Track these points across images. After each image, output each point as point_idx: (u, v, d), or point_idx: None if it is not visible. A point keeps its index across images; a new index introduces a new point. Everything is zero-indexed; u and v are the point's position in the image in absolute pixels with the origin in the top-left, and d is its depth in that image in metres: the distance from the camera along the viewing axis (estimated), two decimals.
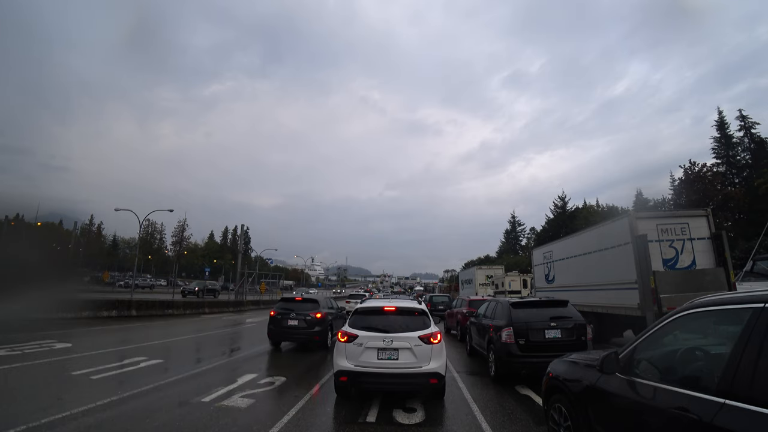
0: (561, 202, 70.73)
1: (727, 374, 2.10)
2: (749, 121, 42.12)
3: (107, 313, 18.61)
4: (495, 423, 5.15)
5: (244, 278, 38.99)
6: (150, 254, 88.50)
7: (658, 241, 9.88)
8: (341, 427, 5.01)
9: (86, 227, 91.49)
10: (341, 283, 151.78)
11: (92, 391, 6.07)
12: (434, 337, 5.81)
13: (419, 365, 5.65)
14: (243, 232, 53.01)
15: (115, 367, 7.94)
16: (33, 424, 4.62)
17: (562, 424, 3.66)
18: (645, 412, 2.65)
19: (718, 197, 38.67)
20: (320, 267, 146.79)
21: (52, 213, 51.94)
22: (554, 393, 3.92)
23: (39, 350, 9.34)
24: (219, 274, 79.97)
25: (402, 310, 6.23)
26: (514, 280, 28.79)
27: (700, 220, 10.16)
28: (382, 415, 5.42)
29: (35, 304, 8.25)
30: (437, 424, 5.18)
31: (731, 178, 42.98)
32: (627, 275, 9.97)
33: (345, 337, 5.90)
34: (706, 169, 42.35)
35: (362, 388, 5.93)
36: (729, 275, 9.42)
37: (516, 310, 7.48)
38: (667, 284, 9.17)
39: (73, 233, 47.52)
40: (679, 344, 2.85)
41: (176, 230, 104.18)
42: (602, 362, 3.05)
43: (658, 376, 2.68)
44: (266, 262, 62.74)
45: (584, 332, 7.13)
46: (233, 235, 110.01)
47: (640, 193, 53.11)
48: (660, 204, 45.79)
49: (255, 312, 28.58)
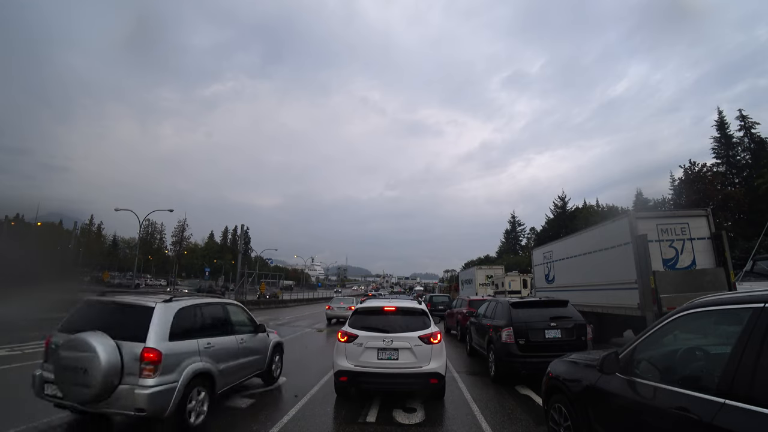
0: (561, 202, 70.80)
1: (727, 374, 2.10)
2: (749, 121, 42.19)
3: None
4: (495, 423, 5.15)
5: (244, 278, 39.01)
6: (150, 254, 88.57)
7: (658, 241, 9.87)
8: (341, 427, 5.01)
9: (86, 227, 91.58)
10: (341, 283, 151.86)
11: None
12: (434, 337, 5.81)
13: (419, 365, 5.65)
14: (243, 232, 53.01)
15: None
16: (33, 424, 4.62)
17: (562, 424, 3.66)
18: (645, 412, 2.65)
19: (718, 197, 38.65)
20: (320, 267, 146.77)
21: (52, 213, 52.07)
22: (554, 393, 3.92)
23: (39, 350, 9.33)
24: (219, 274, 80.00)
25: (402, 310, 6.23)
26: (514, 280, 28.78)
27: (700, 220, 10.15)
28: (382, 415, 5.42)
29: (35, 304, 8.25)
30: (437, 424, 5.18)
31: (731, 178, 43.01)
32: (627, 275, 9.97)
33: (345, 337, 5.90)
34: (706, 169, 42.37)
35: (362, 388, 5.93)
36: (729, 275, 9.41)
37: (516, 310, 7.48)
38: (667, 284, 9.16)
39: (73, 233, 47.52)
40: (679, 344, 2.85)
41: (176, 230, 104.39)
42: (602, 362, 3.05)
43: (658, 376, 2.68)
44: (266, 262, 62.77)
45: (584, 332, 7.13)
46: (233, 235, 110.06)
47: (640, 193, 53.15)
48: (660, 204, 45.77)
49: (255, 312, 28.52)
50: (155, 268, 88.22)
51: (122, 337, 4.28)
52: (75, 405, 4.24)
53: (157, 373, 4.27)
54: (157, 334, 4.43)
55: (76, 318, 4.74)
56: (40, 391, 4.45)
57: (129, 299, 5.01)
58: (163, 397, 4.27)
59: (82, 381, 4.00)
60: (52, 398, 4.39)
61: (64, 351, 4.15)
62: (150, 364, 4.24)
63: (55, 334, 4.61)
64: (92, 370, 3.98)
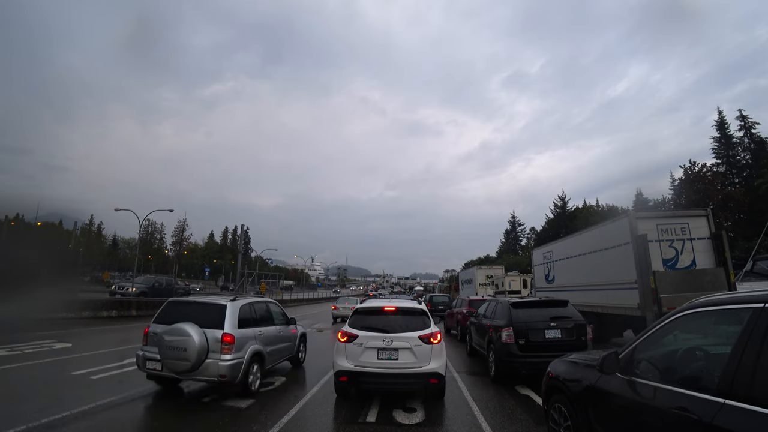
0: (561, 202, 70.82)
1: (727, 374, 2.10)
2: (749, 121, 42.20)
3: (107, 313, 18.61)
4: (495, 423, 5.15)
5: (244, 278, 39.01)
6: (150, 254, 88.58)
7: (658, 241, 9.87)
8: (341, 427, 5.01)
9: (86, 227, 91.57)
10: (341, 283, 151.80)
11: (92, 391, 6.07)
12: (434, 337, 5.81)
13: (419, 365, 5.65)
14: (243, 232, 53.02)
15: (115, 367, 7.93)
16: (33, 424, 4.62)
17: (562, 424, 3.66)
18: (645, 412, 2.65)
19: (718, 197, 38.65)
20: (320, 267, 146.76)
21: (52, 213, 51.90)
22: (554, 393, 3.91)
23: (39, 350, 9.34)
24: (219, 274, 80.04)
25: (402, 310, 6.22)
26: (514, 280, 28.78)
27: (700, 220, 10.15)
28: (382, 415, 5.42)
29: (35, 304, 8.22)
30: (437, 424, 5.18)
31: (731, 178, 43.01)
32: (627, 275, 9.97)
33: (345, 337, 5.90)
34: (706, 169, 42.37)
35: (362, 388, 5.92)
36: (729, 275, 9.41)
37: (516, 310, 7.48)
38: (667, 284, 9.16)
39: (73, 233, 47.50)
40: (679, 344, 2.85)
41: (176, 230, 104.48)
42: (602, 362, 3.05)
43: (658, 376, 2.68)
44: (266, 262, 62.80)
45: (584, 332, 7.13)
46: (233, 235, 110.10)
47: (640, 193, 53.15)
48: (660, 204, 45.76)
49: None
50: (155, 268, 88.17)
51: (205, 326, 5.86)
52: (173, 375, 5.79)
53: (232, 351, 5.88)
54: (230, 323, 6.08)
55: (164, 313, 6.37)
56: (143, 365, 6.05)
57: (207, 299, 6.84)
58: (236, 368, 5.88)
59: (183, 357, 5.56)
60: (151, 371, 5.99)
61: (168, 336, 5.67)
62: (228, 345, 5.87)
63: (151, 325, 6.25)
64: (189, 349, 5.56)
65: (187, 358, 5.55)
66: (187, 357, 5.55)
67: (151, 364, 5.95)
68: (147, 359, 6.00)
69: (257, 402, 5.94)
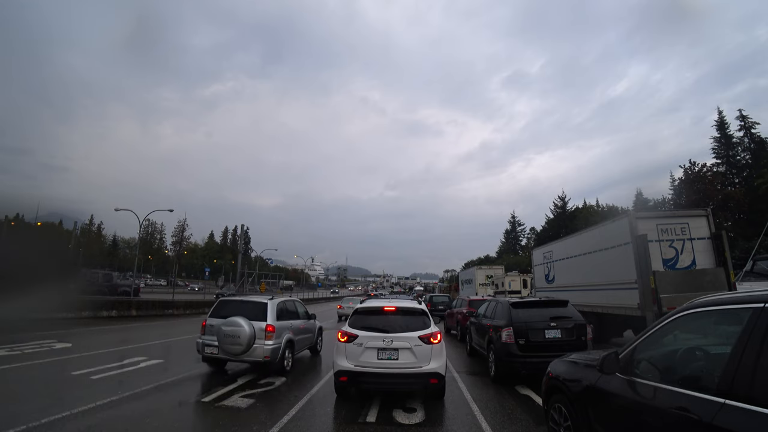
0: (561, 202, 70.85)
1: (727, 374, 2.10)
2: (749, 121, 42.21)
3: (107, 313, 18.63)
4: (495, 423, 5.15)
5: (244, 278, 39.02)
6: (150, 254, 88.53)
7: (658, 241, 9.87)
8: (341, 427, 5.01)
9: (86, 227, 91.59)
10: (341, 283, 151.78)
11: (92, 391, 6.07)
12: (434, 337, 5.81)
13: (419, 365, 5.65)
14: (243, 232, 53.04)
15: (115, 367, 7.94)
16: (33, 424, 4.62)
17: (562, 424, 3.66)
18: (645, 412, 2.65)
19: (718, 197, 38.65)
20: (320, 267, 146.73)
21: (52, 213, 52.00)
22: (554, 393, 3.91)
23: (39, 350, 9.34)
24: (219, 274, 79.97)
25: (402, 310, 6.22)
26: (514, 280, 28.78)
27: (700, 220, 10.15)
28: (382, 415, 5.42)
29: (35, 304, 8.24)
30: (437, 424, 5.17)
31: (731, 178, 43.01)
32: (627, 275, 9.97)
33: (345, 337, 5.90)
34: (706, 169, 42.37)
35: (362, 388, 5.93)
36: (729, 275, 9.41)
37: (516, 310, 7.48)
38: (667, 284, 9.16)
39: (73, 233, 47.46)
40: (679, 344, 2.85)
41: (176, 230, 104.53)
42: (602, 362, 3.05)
43: (658, 376, 2.68)
44: (266, 262, 62.81)
45: (584, 332, 7.12)
46: (233, 235, 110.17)
47: (640, 193, 53.16)
48: (660, 204, 45.77)
49: None
50: (155, 268, 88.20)
51: (252, 318, 7.54)
52: (228, 357, 7.48)
53: (273, 338, 7.58)
54: (271, 316, 7.79)
55: (217, 310, 8.07)
56: (202, 350, 7.65)
57: (252, 298, 8.65)
58: (276, 352, 7.61)
59: (237, 342, 7.27)
60: (209, 355, 7.59)
61: (226, 327, 7.32)
62: (270, 333, 7.56)
63: (208, 319, 7.87)
64: (242, 337, 7.27)
65: (240, 343, 7.21)
66: (240, 342, 7.21)
67: (209, 349, 7.53)
68: (206, 345, 7.57)
69: (257, 402, 5.93)
